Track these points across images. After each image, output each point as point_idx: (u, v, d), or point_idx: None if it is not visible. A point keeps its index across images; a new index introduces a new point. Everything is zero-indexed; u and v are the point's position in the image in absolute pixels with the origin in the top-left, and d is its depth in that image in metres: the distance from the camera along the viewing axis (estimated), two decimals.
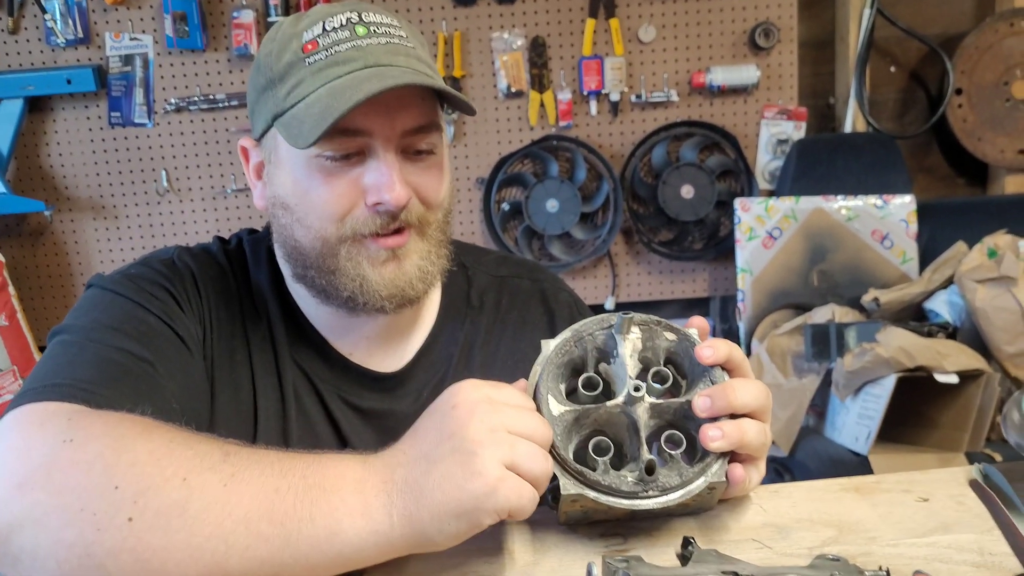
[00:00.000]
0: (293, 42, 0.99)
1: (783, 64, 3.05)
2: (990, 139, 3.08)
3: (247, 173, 1.10)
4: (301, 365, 1.09)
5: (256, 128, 1.05)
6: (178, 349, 0.99)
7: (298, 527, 0.72)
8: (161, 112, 2.95)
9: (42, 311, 3.06)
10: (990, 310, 2.47)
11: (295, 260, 1.04)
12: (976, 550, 0.78)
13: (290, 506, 0.72)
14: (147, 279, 1.03)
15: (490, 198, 3.05)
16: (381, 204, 0.98)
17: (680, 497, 0.77)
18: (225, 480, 0.73)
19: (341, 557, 0.73)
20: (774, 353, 2.71)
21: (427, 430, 0.76)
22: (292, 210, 1.01)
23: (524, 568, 0.78)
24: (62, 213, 3.01)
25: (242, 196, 3.02)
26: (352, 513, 0.72)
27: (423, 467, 0.73)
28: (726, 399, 0.78)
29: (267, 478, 0.74)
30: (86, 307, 1.00)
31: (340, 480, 0.74)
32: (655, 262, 3.16)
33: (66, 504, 0.71)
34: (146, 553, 0.70)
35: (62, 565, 0.71)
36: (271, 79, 1.00)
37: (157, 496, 0.72)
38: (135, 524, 0.71)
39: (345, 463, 0.76)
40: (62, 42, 2.86)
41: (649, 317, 0.84)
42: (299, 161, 0.99)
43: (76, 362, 0.90)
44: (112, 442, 0.75)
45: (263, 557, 0.72)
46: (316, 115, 0.94)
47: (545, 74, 3.01)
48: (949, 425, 2.40)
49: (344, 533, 0.72)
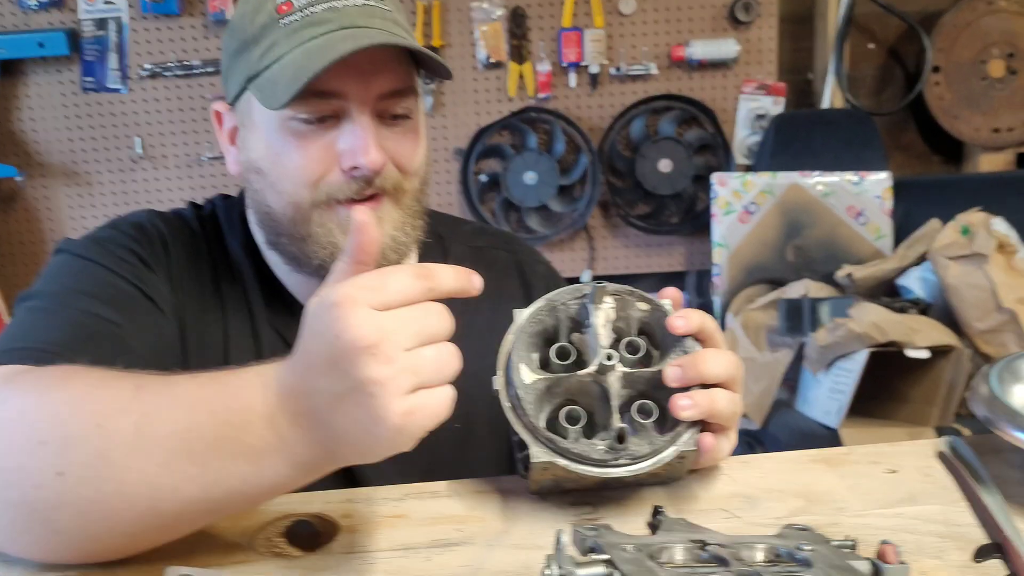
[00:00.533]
0: (267, 3, 0.97)
1: (763, 39, 3.05)
2: (966, 117, 3.10)
3: (220, 138, 1.08)
4: (279, 330, 1.09)
5: (230, 92, 1.03)
6: (148, 311, 0.99)
7: (221, 465, 0.69)
8: (136, 78, 2.92)
9: (13, 277, 3.02)
10: (962, 287, 2.49)
11: (268, 226, 1.04)
12: (942, 521, 0.79)
13: (207, 445, 0.69)
14: (115, 242, 1.02)
15: (468, 169, 3.04)
16: (356, 168, 0.97)
17: (651, 465, 0.78)
18: (137, 422, 0.70)
19: (274, 487, 0.71)
20: (748, 327, 2.73)
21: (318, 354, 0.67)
22: (265, 175, 1.00)
23: (494, 536, 0.78)
24: (34, 179, 2.97)
25: (218, 164, 3.00)
26: (270, 450, 0.68)
27: (327, 401, 0.66)
28: (696, 369, 0.78)
29: (177, 415, 0.70)
30: (54, 272, 0.99)
31: (249, 414, 0.69)
32: (632, 235, 3.16)
33: (3, 466, 0.71)
34: (83, 504, 0.70)
35: (15, 523, 0.71)
36: (245, 41, 0.99)
37: (79, 448, 0.70)
38: (67, 478, 0.70)
39: (244, 391, 0.70)
40: (34, 5, 2.82)
41: (622, 287, 0.84)
42: (272, 124, 0.98)
43: (42, 326, 0.89)
44: (37, 396, 0.74)
45: (195, 496, 0.70)
46: (289, 76, 0.93)
47: (524, 45, 2.99)
48: (919, 400, 2.43)
49: (266, 469, 0.69)
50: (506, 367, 0.81)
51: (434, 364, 0.66)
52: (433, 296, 0.69)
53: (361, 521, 0.81)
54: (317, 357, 0.66)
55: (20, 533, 0.72)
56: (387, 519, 0.81)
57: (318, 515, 0.82)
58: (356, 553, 0.76)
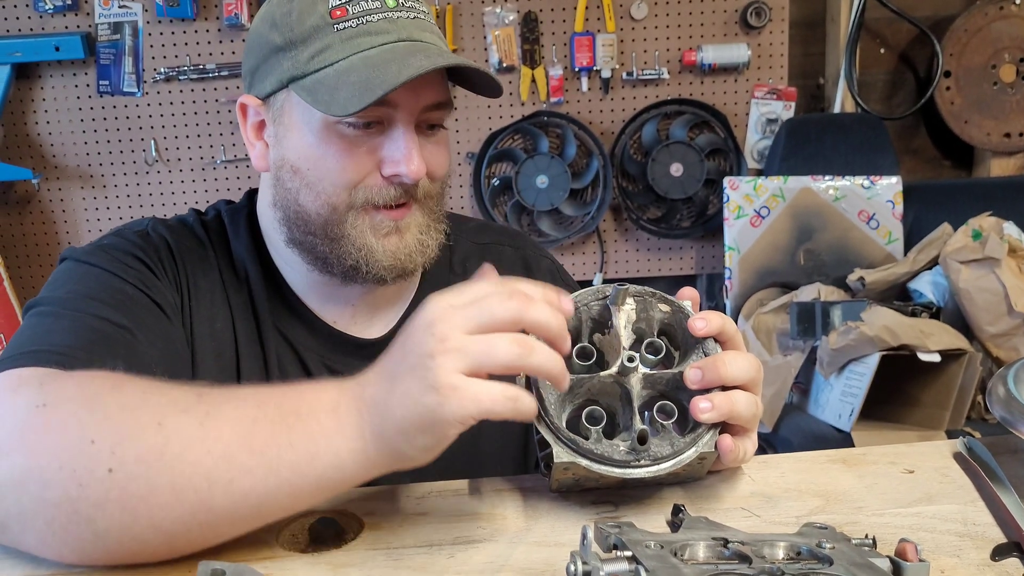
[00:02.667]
0: (319, 5, 0.98)
1: (774, 44, 3.05)
2: (977, 122, 3.10)
3: (244, 132, 1.08)
4: (284, 333, 1.09)
5: (263, 87, 1.03)
6: (156, 316, 0.99)
7: (278, 453, 0.72)
8: (150, 81, 2.93)
9: (28, 279, 3.04)
10: (973, 291, 2.49)
11: (296, 225, 1.04)
12: (960, 520, 0.79)
13: (268, 435, 0.72)
14: (120, 249, 1.02)
15: (480, 173, 3.05)
16: (398, 176, 0.99)
17: (671, 467, 0.78)
18: (200, 419, 0.73)
19: (324, 479, 0.73)
20: (760, 330, 2.73)
21: (394, 350, 0.74)
22: (302, 174, 1.01)
23: (516, 534, 0.79)
24: (49, 181, 3.00)
25: (231, 167, 3.01)
26: (328, 434, 0.73)
27: (387, 385, 0.72)
28: (717, 372, 0.79)
29: (243, 411, 0.74)
30: (61, 280, 0.99)
31: (315, 403, 0.74)
32: (643, 239, 3.17)
33: (43, 465, 0.71)
34: (131, 501, 0.71)
35: (51, 524, 0.72)
36: (290, 40, 0.99)
37: (134, 444, 0.72)
38: (116, 474, 0.71)
39: (320, 388, 0.76)
40: (50, 8, 2.84)
41: (644, 288, 0.85)
42: (315, 126, 0.99)
43: (53, 330, 0.89)
44: (85, 401, 0.75)
45: (247, 489, 0.72)
46: (355, 84, 0.94)
47: (537, 50, 3.00)
48: (931, 404, 2.43)
49: (323, 455, 0.72)
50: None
51: (483, 346, 0.70)
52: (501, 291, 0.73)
53: (384, 518, 0.82)
54: (395, 346, 0.74)
55: (56, 534, 0.72)
56: (410, 516, 0.82)
57: (342, 512, 0.83)
58: (380, 549, 0.77)
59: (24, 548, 0.75)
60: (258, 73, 1.04)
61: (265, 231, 1.12)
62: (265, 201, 1.09)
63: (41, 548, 0.74)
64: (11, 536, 0.74)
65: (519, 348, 0.70)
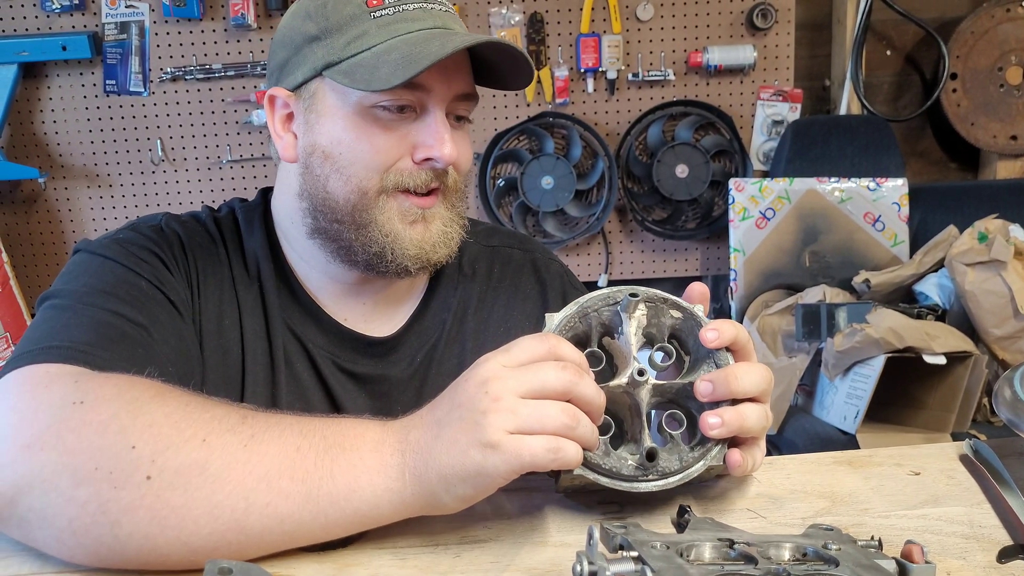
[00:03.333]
0: None
1: (780, 45, 3.05)
2: (983, 124, 3.09)
3: (272, 124, 1.08)
4: (294, 330, 1.09)
5: (293, 78, 1.04)
6: (170, 313, 0.99)
7: (319, 484, 0.73)
8: (157, 81, 2.94)
9: (35, 278, 3.05)
10: (979, 293, 2.49)
11: (323, 212, 1.04)
12: (966, 522, 0.79)
13: (311, 464, 0.73)
14: (136, 244, 1.02)
15: (485, 174, 3.05)
16: (431, 160, 1.00)
17: (679, 481, 0.78)
18: (245, 441, 0.74)
19: (358, 514, 0.74)
20: (765, 332, 2.73)
21: (444, 398, 0.76)
22: (333, 159, 1.02)
23: (522, 534, 0.79)
24: (56, 180, 3.00)
25: (237, 167, 3.02)
26: (370, 471, 0.74)
27: (434, 431, 0.74)
28: (727, 385, 0.78)
29: (287, 438, 0.74)
30: (76, 272, 0.99)
31: (359, 440, 0.75)
32: (648, 240, 3.17)
33: (78, 464, 0.71)
34: (164, 510, 0.71)
35: (73, 523, 0.71)
36: (325, 28, 1.01)
37: (176, 455, 0.72)
38: (154, 482, 0.71)
39: (364, 425, 0.77)
40: (57, 8, 2.84)
41: (656, 294, 0.83)
42: (349, 110, 1.00)
43: (71, 325, 0.89)
44: (126, 404, 0.75)
45: (283, 514, 0.72)
46: (397, 60, 0.95)
47: (542, 50, 3.00)
48: (936, 406, 2.42)
49: (362, 490, 0.73)
50: None
51: (536, 412, 0.71)
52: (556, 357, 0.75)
53: None
54: (445, 398, 0.76)
55: (76, 535, 0.71)
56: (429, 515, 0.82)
57: None
58: (386, 549, 0.77)
59: (36, 545, 0.74)
60: (288, 66, 1.05)
61: (281, 227, 1.12)
62: (288, 192, 1.09)
63: (55, 547, 0.73)
64: (26, 531, 0.73)
65: (567, 419, 0.72)
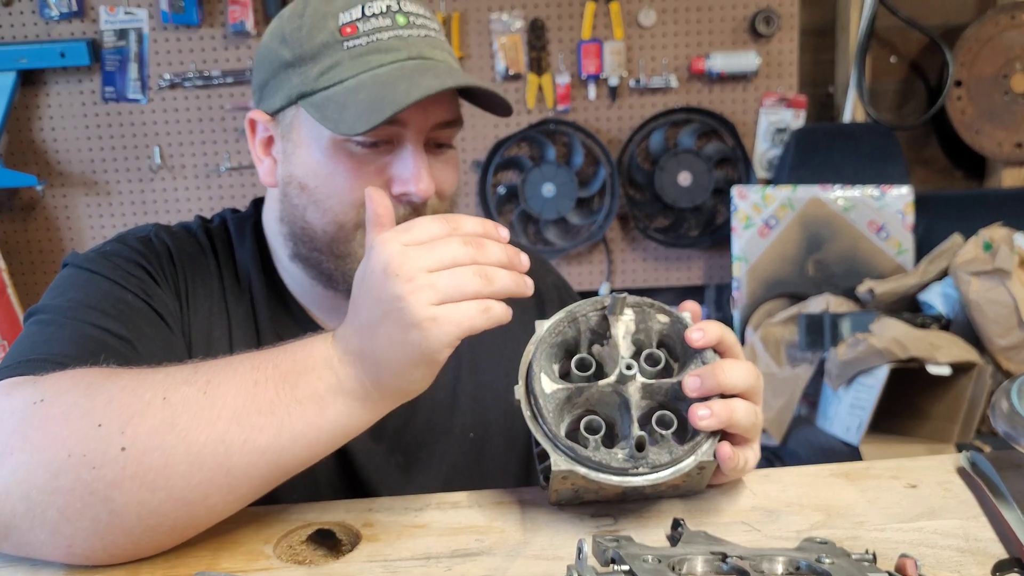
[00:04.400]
0: (329, 22, 0.97)
1: (783, 52, 3.04)
2: (988, 132, 3.08)
3: (252, 147, 1.07)
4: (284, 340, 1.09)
5: (272, 103, 1.02)
6: (157, 327, 0.99)
7: (287, 411, 0.75)
8: (155, 88, 2.93)
9: (32, 286, 3.04)
10: (984, 303, 2.47)
11: (302, 241, 1.03)
12: (962, 535, 0.78)
13: (273, 394, 0.76)
14: (123, 256, 1.02)
15: (486, 181, 3.04)
16: (407, 195, 0.98)
17: (670, 475, 0.77)
18: (203, 388, 0.76)
19: (335, 427, 0.77)
20: (768, 342, 2.71)
21: (362, 297, 0.78)
22: (310, 191, 1.00)
23: (514, 547, 0.78)
24: (54, 188, 3.00)
25: (235, 174, 3.01)
26: (332, 388, 0.77)
27: (369, 334, 0.76)
28: (715, 379, 0.78)
29: (241, 375, 0.77)
30: (62, 287, 0.99)
31: (310, 361, 0.78)
32: (651, 248, 3.16)
33: (51, 457, 0.72)
34: (149, 475, 0.72)
35: (64, 511, 0.72)
36: (299, 56, 0.98)
37: (143, 421, 0.73)
38: (129, 451, 0.72)
39: (308, 345, 0.80)
40: (56, 15, 2.84)
41: (642, 299, 0.84)
42: (324, 144, 0.98)
43: (53, 339, 0.89)
44: (84, 390, 0.76)
45: (262, 446, 0.75)
46: (364, 102, 0.93)
47: (544, 57, 3.00)
48: (940, 417, 2.41)
49: (331, 407, 0.77)
50: (527, 377, 0.81)
51: (451, 280, 0.74)
52: (456, 235, 0.78)
53: (382, 530, 0.82)
54: (361, 297, 0.78)
55: (71, 521, 0.72)
56: (408, 528, 0.82)
57: (340, 524, 0.83)
58: (378, 562, 0.76)
59: (31, 547, 0.74)
60: (267, 88, 1.03)
61: (270, 241, 1.11)
62: (271, 215, 1.09)
63: (53, 540, 0.73)
64: (17, 537, 0.73)
65: (483, 280, 0.75)
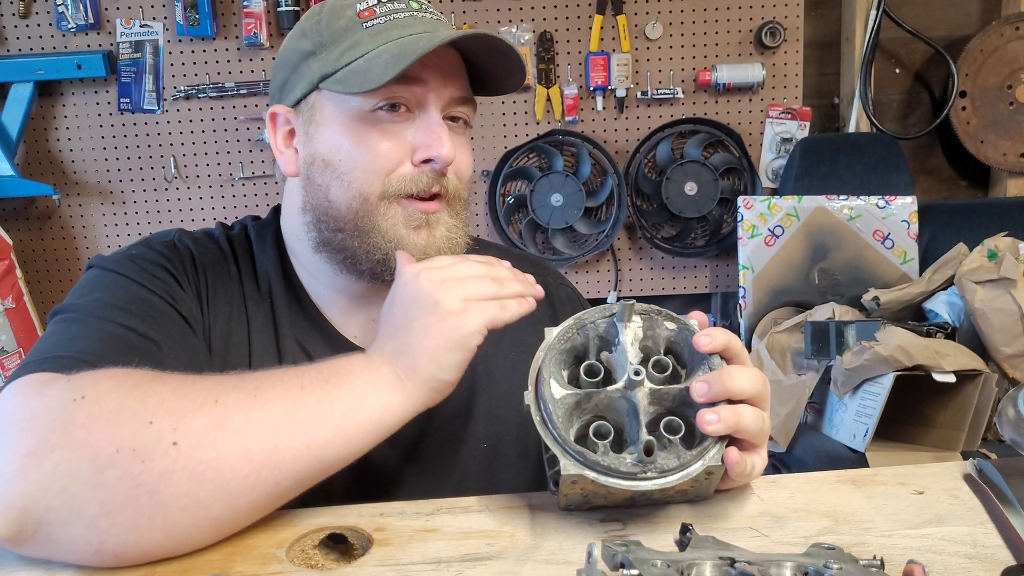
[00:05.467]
0: (347, 10, 1.03)
1: (789, 63, 3.06)
2: (993, 142, 3.09)
3: (272, 141, 1.10)
4: (304, 347, 1.10)
5: (293, 95, 1.06)
6: (181, 329, 1.00)
7: (331, 407, 0.82)
8: (170, 99, 2.97)
9: (48, 294, 3.07)
10: (989, 311, 2.48)
11: (325, 223, 1.05)
12: (969, 542, 0.79)
13: (319, 394, 0.83)
14: (148, 259, 1.04)
15: (495, 191, 3.06)
16: (430, 160, 1.01)
17: (678, 480, 0.78)
18: (252, 392, 0.81)
19: (373, 422, 0.84)
20: (774, 350, 2.72)
21: (392, 311, 0.91)
22: (334, 167, 1.02)
23: (524, 551, 0.79)
24: (70, 197, 3.03)
25: (249, 184, 3.04)
26: (371, 384, 0.85)
27: (403, 332, 0.88)
28: (723, 384, 0.79)
29: (289, 381, 0.83)
30: (88, 287, 1.00)
31: (349, 366, 0.87)
32: (657, 258, 3.17)
33: (96, 452, 0.74)
34: (199, 467, 0.76)
35: (105, 505, 0.73)
36: (320, 43, 1.03)
37: (195, 419, 0.77)
38: (181, 446, 0.75)
39: (347, 357, 0.88)
40: (73, 27, 2.88)
41: (650, 306, 0.86)
42: (346, 116, 1.02)
43: (79, 337, 0.90)
44: (130, 390, 0.78)
45: (308, 441, 0.81)
46: (387, 60, 0.97)
47: (552, 69, 3.02)
48: (946, 424, 2.41)
49: (371, 402, 0.84)
50: (536, 382, 0.83)
51: (474, 284, 0.90)
52: (470, 260, 0.95)
53: (394, 534, 0.82)
54: (394, 307, 0.91)
55: (111, 514, 0.73)
56: (419, 533, 0.83)
57: (352, 528, 0.84)
58: (389, 566, 0.77)
59: (58, 545, 0.75)
60: (288, 84, 1.07)
61: (289, 244, 1.13)
62: (293, 208, 1.10)
63: (86, 535, 0.74)
64: (47, 534, 0.74)
65: (497, 284, 0.91)
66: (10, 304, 2.78)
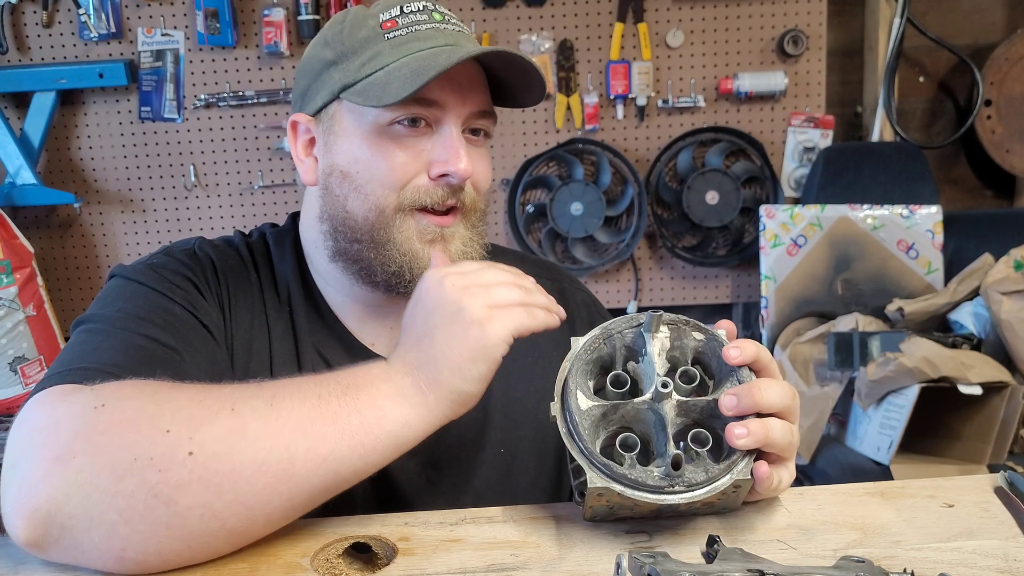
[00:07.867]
0: (370, 20, 1.03)
1: (811, 72, 3.04)
2: (1018, 151, 3.06)
3: (293, 149, 1.10)
4: (323, 354, 1.10)
5: (314, 104, 1.06)
6: (203, 338, 1.00)
7: (348, 420, 0.80)
8: (191, 107, 2.98)
9: (69, 302, 3.09)
10: (1015, 322, 2.45)
11: (342, 233, 1.05)
12: (1001, 556, 0.78)
13: (336, 406, 0.81)
14: (170, 268, 1.04)
15: (515, 200, 3.06)
16: (447, 175, 1.01)
17: (706, 494, 0.78)
18: (269, 401, 0.80)
19: (392, 436, 0.82)
20: (797, 361, 2.70)
21: (415, 317, 0.88)
22: (351, 178, 1.03)
23: (550, 562, 0.79)
24: (91, 205, 3.04)
25: (268, 192, 3.05)
26: (391, 396, 0.83)
27: (427, 341, 0.85)
28: (752, 398, 0.78)
29: (306, 390, 0.82)
30: (110, 297, 1.00)
31: (369, 376, 0.84)
32: (678, 267, 3.16)
33: (116, 460, 0.74)
34: (215, 478, 0.75)
35: (124, 513, 0.73)
36: (342, 53, 1.03)
37: (211, 428, 0.77)
38: (197, 456, 0.75)
39: (367, 366, 0.86)
40: (95, 36, 2.90)
41: (678, 317, 0.85)
42: (365, 129, 1.02)
43: (103, 348, 0.91)
44: (149, 398, 0.79)
45: (324, 454, 0.79)
46: (407, 75, 0.97)
47: (572, 77, 3.02)
48: (972, 437, 2.39)
49: (390, 415, 0.82)
50: (562, 393, 0.82)
51: (500, 291, 0.86)
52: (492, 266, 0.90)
53: (418, 544, 0.82)
54: (417, 314, 0.87)
55: (130, 523, 0.73)
56: (444, 543, 0.82)
57: (376, 538, 0.83)
58: (413, 575, 0.77)
59: (81, 551, 0.75)
60: (309, 92, 1.07)
61: (307, 252, 1.13)
62: (311, 216, 1.10)
63: (107, 543, 0.74)
64: (70, 540, 0.74)
65: (523, 293, 0.88)
66: (31, 312, 2.79)
